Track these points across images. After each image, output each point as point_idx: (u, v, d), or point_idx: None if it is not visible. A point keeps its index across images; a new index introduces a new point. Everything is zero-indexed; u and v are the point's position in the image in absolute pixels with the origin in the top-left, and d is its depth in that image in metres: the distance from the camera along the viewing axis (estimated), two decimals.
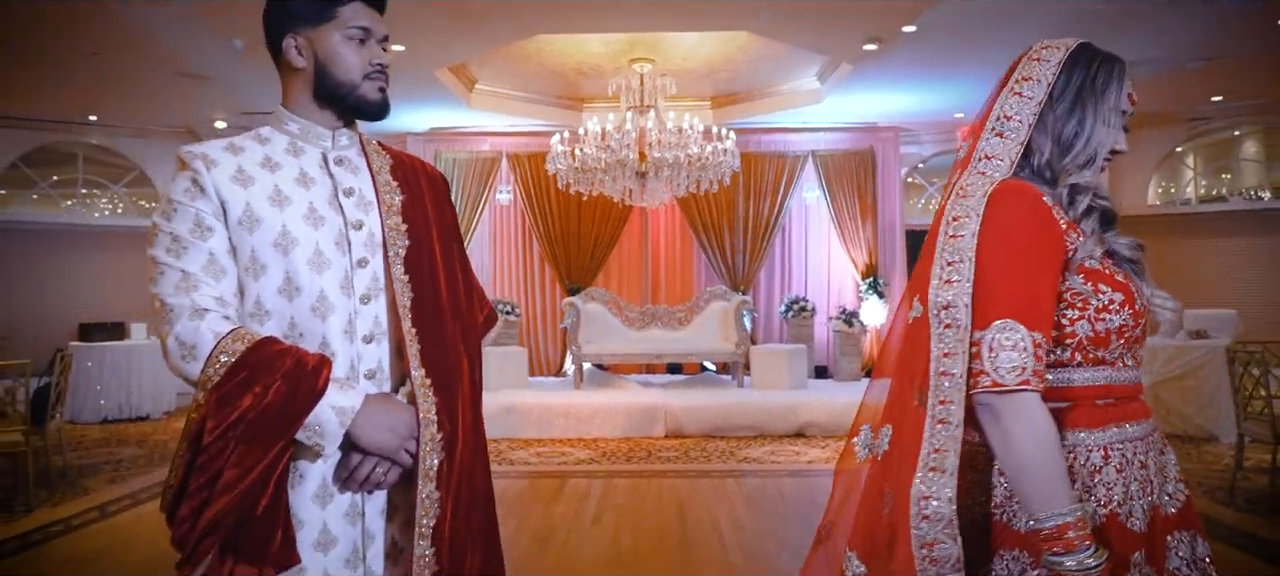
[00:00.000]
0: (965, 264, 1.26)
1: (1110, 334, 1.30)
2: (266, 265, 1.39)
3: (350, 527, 1.41)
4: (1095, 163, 1.38)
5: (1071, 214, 1.34)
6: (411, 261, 1.49)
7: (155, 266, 1.37)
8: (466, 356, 1.52)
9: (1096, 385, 1.31)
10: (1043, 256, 1.28)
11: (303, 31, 1.47)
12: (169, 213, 1.38)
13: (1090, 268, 1.32)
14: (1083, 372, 1.31)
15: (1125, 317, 1.30)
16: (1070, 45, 1.42)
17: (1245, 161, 9.89)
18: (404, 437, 1.38)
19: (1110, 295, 1.30)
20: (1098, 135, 1.38)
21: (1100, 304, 1.30)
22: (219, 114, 9.10)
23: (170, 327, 1.33)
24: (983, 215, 1.28)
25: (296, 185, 1.45)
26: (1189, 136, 9.58)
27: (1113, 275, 1.32)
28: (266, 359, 1.31)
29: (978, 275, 1.25)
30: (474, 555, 1.46)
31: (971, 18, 6.27)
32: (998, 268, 1.25)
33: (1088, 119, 1.38)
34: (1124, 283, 1.32)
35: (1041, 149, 1.39)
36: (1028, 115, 1.38)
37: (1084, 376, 1.31)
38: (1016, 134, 1.38)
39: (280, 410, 1.29)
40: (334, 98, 1.50)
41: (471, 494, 1.46)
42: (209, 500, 1.28)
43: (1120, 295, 1.31)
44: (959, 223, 1.29)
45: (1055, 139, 1.39)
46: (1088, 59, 1.41)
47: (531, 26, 6.55)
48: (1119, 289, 1.31)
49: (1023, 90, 1.39)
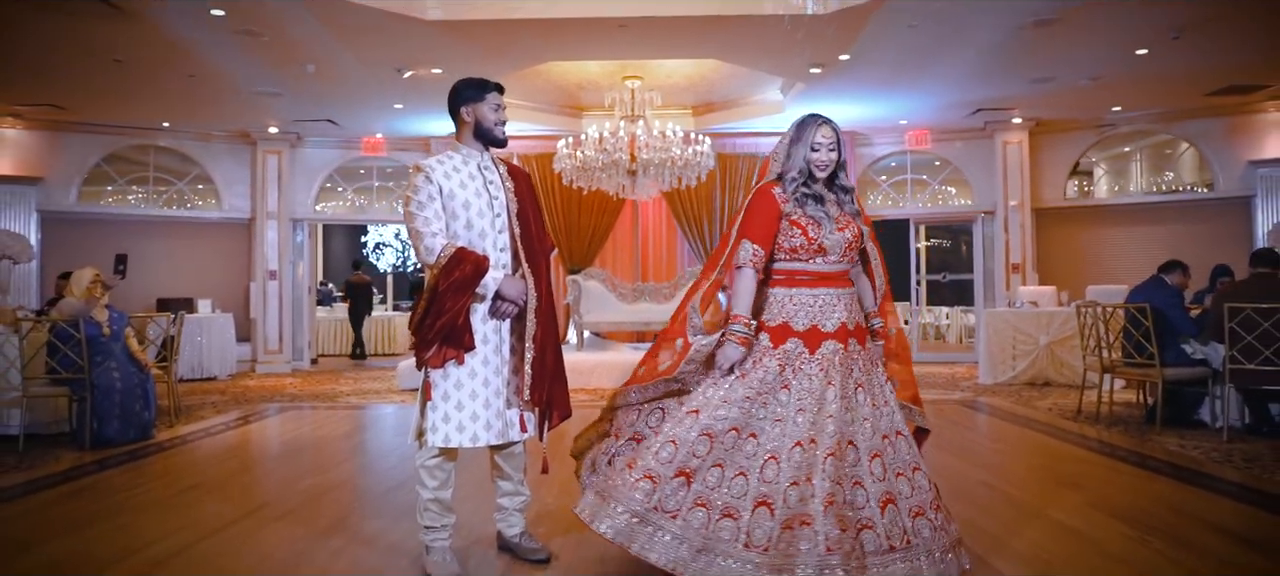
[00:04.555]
0: (739, 216, 2.85)
1: (798, 248, 2.88)
2: (456, 215, 2.99)
3: (494, 335, 3.02)
4: (805, 170, 2.93)
5: (789, 191, 2.92)
6: (519, 215, 3.10)
7: (412, 217, 2.95)
8: (544, 261, 3.14)
9: (793, 268, 2.89)
10: (765, 215, 2.86)
11: (470, 104, 3.09)
12: (416, 190, 2.97)
13: (793, 219, 2.89)
14: (787, 264, 2.89)
15: (802, 241, 2.88)
16: (798, 119, 2.99)
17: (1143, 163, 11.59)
18: (521, 293, 2.99)
19: (796, 232, 2.88)
20: (797, 156, 2.94)
21: (792, 235, 2.88)
22: (272, 121, 10.68)
23: (422, 242, 2.92)
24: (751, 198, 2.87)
25: (468, 179, 3.05)
26: (1097, 141, 11.24)
27: (800, 222, 2.89)
28: (463, 256, 2.91)
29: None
30: (551, 354, 3.07)
31: (896, 52, 7.91)
32: (748, 216, 2.84)
33: (795, 151, 2.94)
34: (804, 225, 2.89)
35: (778, 166, 2.96)
36: (781, 151, 2.96)
37: (788, 265, 2.89)
38: (776, 164, 2.96)
39: (470, 278, 2.90)
40: (483, 137, 3.11)
41: (548, 324, 3.08)
42: (438, 319, 2.89)
43: (799, 231, 2.88)
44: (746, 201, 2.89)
45: (782, 163, 2.96)
46: (799, 121, 2.97)
47: (544, 54, 8.16)
48: (799, 228, 2.88)
49: (779, 144, 2.97)
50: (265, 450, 5.86)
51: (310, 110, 9.87)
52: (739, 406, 2.71)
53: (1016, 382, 8.81)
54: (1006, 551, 3.16)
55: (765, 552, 2.51)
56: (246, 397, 8.40)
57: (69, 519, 3.87)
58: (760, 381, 2.74)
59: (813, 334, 2.79)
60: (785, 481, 2.59)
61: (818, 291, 2.84)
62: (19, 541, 3.51)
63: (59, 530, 3.68)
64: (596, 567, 3.05)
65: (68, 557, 3.27)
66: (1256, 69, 8.73)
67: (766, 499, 2.59)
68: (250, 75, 8.40)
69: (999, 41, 7.64)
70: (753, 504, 2.60)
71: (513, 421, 3.02)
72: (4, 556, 3.32)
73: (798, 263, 2.86)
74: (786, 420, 2.69)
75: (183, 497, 4.28)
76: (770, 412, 2.72)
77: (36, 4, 6.36)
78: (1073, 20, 7.06)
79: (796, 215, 2.84)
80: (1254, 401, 5.67)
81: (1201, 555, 3.15)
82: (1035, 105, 10.10)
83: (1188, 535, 3.41)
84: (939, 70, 8.61)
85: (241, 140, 11.35)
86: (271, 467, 5.25)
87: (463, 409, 2.94)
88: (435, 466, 2.99)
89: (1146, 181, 11.58)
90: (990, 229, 11.44)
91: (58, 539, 3.54)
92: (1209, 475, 4.51)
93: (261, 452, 5.78)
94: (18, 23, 6.80)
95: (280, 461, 5.40)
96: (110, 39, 7.19)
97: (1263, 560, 3.12)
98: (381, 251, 19.78)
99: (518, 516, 3.22)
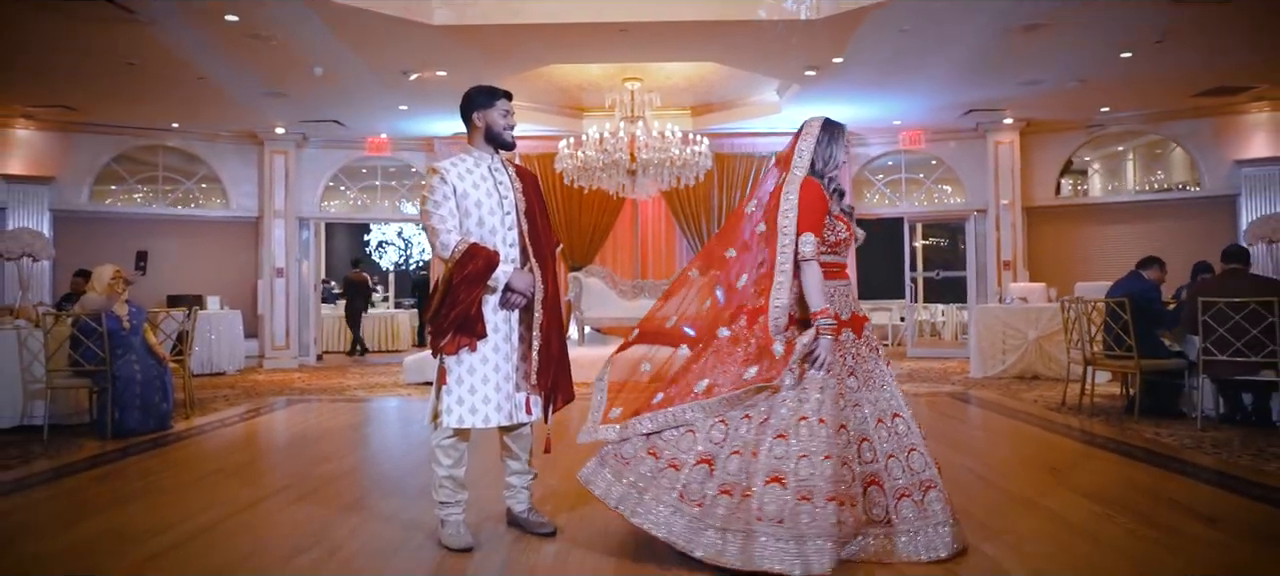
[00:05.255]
0: (792, 210, 3.07)
1: (841, 242, 3.15)
2: (469, 213, 3.22)
3: (504, 324, 3.25)
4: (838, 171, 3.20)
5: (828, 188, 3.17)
6: (527, 213, 3.33)
7: (429, 215, 3.19)
8: (550, 256, 3.37)
9: (828, 261, 3.13)
10: (821, 208, 3.11)
11: (481, 110, 3.32)
12: (433, 190, 3.20)
13: (835, 214, 3.15)
14: (826, 256, 3.14)
15: (846, 235, 3.15)
16: (822, 120, 3.24)
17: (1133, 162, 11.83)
18: (529, 285, 3.23)
19: (841, 226, 3.14)
20: (836, 155, 3.19)
21: (837, 229, 3.13)
22: (278, 122, 10.91)
23: (438, 238, 3.16)
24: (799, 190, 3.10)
25: (480, 180, 3.28)
26: (1087, 141, 11.48)
27: (842, 217, 3.17)
28: (476, 252, 3.14)
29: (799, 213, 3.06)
30: (556, 342, 3.31)
31: (887, 55, 8.15)
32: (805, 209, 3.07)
33: (833, 150, 3.20)
34: (845, 220, 3.16)
35: (818, 164, 3.21)
36: (814, 149, 3.20)
37: (826, 258, 3.14)
38: (804, 159, 3.20)
39: (482, 271, 3.14)
40: (493, 140, 3.35)
41: (554, 314, 3.31)
42: (452, 309, 3.13)
43: (842, 226, 3.14)
44: (788, 193, 3.11)
45: (823, 161, 3.22)
46: (832, 122, 3.23)
47: (547, 58, 8.39)
48: (842, 222, 3.15)
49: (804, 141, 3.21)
50: (280, 439, 6.10)
51: (317, 111, 10.10)
52: (837, 399, 2.94)
53: (1006, 376, 9.05)
54: (984, 530, 3.39)
55: (780, 524, 2.74)
56: (256, 391, 8.63)
57: (105, 498, 4.11)
58: (837, 371, 2.99)
59: (841, 321, 3.07)
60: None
61: (839, 283, 3.14)
62: (64, 516, 3.75)
63: (99, 507, 3.92)
64: (599, 539, 3.28)
65: (114, 529, 3.51)
66: (1241, 71, 8.97)
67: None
68: (259, 78, 8.63)
69: (988, 44, 7.88)
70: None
71: (521, 404, 3.26)
72: (55, 528, 3.57)
73: (834, 255, 3.14)
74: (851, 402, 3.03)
75: (207, 480, 4.51)
76: (849, 399, 3.03)
77: (52, 9, 6.58)
78: (1059, 24, 7.29)
79: (836, 210, 3.14)
80: (1227, 391, 5.91)
81: (1162, 529, 3.38)
82: (1025, 106, 10.33)
83: (1152, 512, 3.64)
84: (930, 72, 8.84)
85: (249, 140, 11.58)
86: (288, 454, 5.49)
87: (475, 392, 3.17)
88: (450, 446, 3.23)
89: (1135, 181, 11.83)
90: (982, 227, 11.69)
91: (101, 514, 3.78)
92: (1181, 460, 4.75)
93: (277, 441, 6.02)
94: (33, 27, 7.03)
95: (296, 449, 5.63)
96: (123, 43, 7.43)
97: (1217, 533, 3.36)
98: (384, 250, 20.02)
99: (525, 493, 3.45)
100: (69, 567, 3.02)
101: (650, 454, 3.04)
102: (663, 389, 3.15)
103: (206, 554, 3.21)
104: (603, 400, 3.30)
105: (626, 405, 3.23)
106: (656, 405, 3.08)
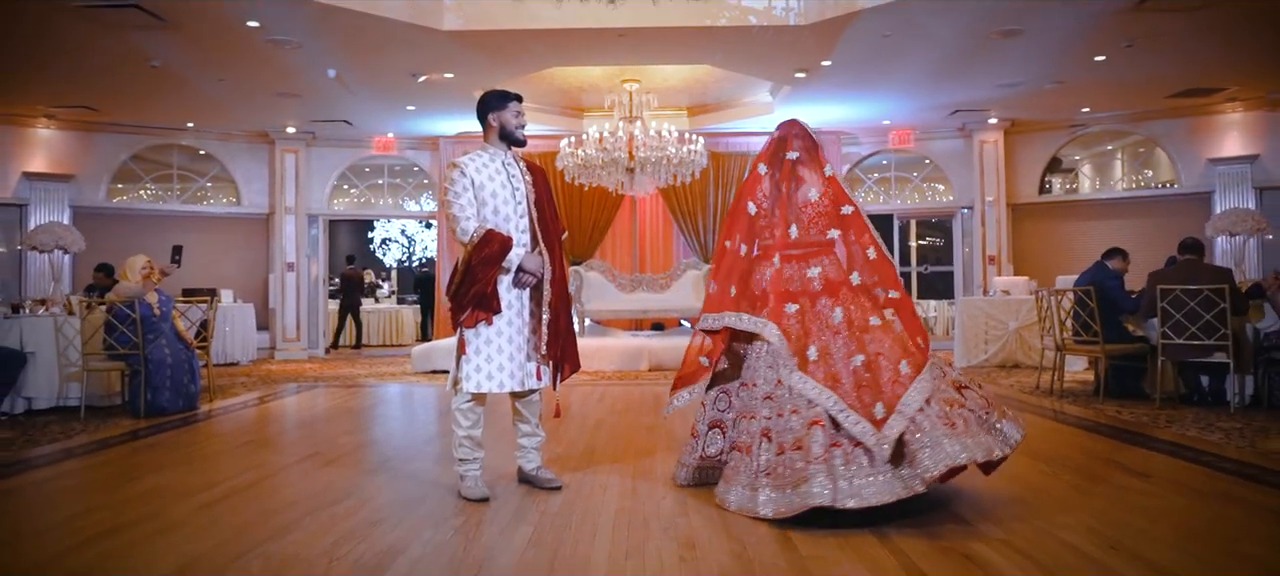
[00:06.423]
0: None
1: None
2: (485, 203, 3.64)
3: (517, 301, 3.67)
4: None
5: None
6: (536, 203, 3.75)
7: (450, 204, 3.61)
8: (558, 242, 3.80)
9: None
10: None
11: (496, 112, 3.74)
12: (453, 182, 3.62)
13: None
14: None
15: None
16: (792, 121, 3.67)
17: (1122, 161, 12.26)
18: (539, 267, 3.65)
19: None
20: None
21: None
22: (290, 122, 11.32)
23: (458, 225, 3.58)
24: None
25: (495, 173, 3.70)
26: (1068, 141, 11.90)
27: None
28: (491, 236, 3.56)
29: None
30: (563, 317, 3.73)
31: (872, 59, 8.56)
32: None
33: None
34: None
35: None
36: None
37: None
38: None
39: (497, 254, 3.56)
40: (506, 138, 3.77)
41: (561, 293, 3.74)
42: (471, 287, 3.55)
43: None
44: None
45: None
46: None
47: (549, 61, 8.81)
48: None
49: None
50: (301, 417, 6.51)
51: (327, 111, 10.52)
52: None
53: (988, 365, 9.47)
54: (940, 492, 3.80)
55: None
56: (271, 379, 9.05)
57: (151, 464, 4.52)
58: None
59: None
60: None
61: None
62: (117, 477, 4.17)
63: (148, 470, 4.34)
64: (598, 492, 3.70)
65: (166, 486, 3.92)
66: (1212, 73, 9.39)
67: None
68: (275, 79, 9.04)
69: (967, 48, 8.29)
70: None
71: (531, 372, 3.68)
72: (113, 484, 3.99)
73: None
74: None
75: (241, 450, 4.93)
76: None
77: (81, 15, 6.97)
78: (1033, 29, 7.71)
79: None
80: (1186, 374, 6.34)
81: (1100, 482, 3.81)
82: (1009, 106, 10.76)
83: (1095, 471, 4.07)
84: (914, 75, 9.26)
85: (260, 140, 12.00)
86: (311, 429, 5.89)
87: (491, 361, 3.59)
88: (468, 409, 3.65)
89: (1116, 178, 12.26)
90: (969, 223, 12.12)
91: (151, 475, 4.19)
92: (1136, 432, 5.17)
93: (301, 418, 6.43)
94: (69, 32, 7.43)
95: (318, 425, 6.04)
96: (150, 47, 7.83)
97: (1149, 485, 3.78)
98: (388, 246, 20.43)
99: (535, 454, 3.87)
100: (136, 513, 3.43)
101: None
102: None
103: (253, 502, 3.62)
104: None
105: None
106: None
